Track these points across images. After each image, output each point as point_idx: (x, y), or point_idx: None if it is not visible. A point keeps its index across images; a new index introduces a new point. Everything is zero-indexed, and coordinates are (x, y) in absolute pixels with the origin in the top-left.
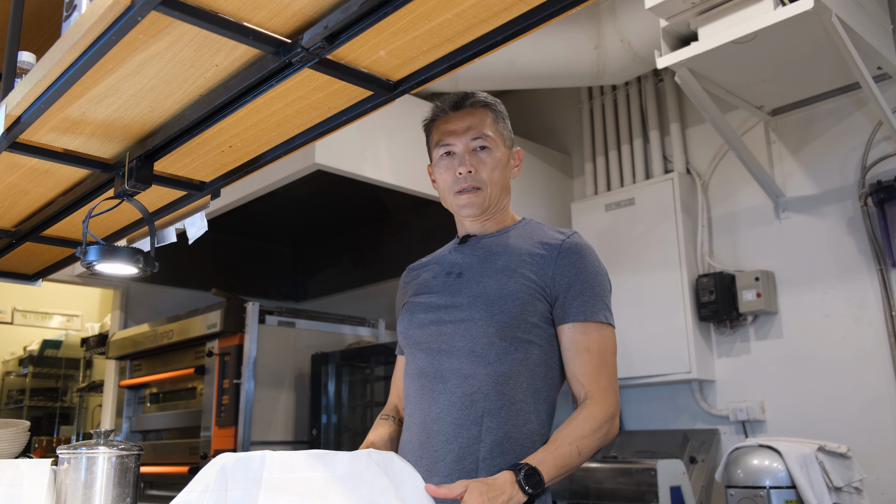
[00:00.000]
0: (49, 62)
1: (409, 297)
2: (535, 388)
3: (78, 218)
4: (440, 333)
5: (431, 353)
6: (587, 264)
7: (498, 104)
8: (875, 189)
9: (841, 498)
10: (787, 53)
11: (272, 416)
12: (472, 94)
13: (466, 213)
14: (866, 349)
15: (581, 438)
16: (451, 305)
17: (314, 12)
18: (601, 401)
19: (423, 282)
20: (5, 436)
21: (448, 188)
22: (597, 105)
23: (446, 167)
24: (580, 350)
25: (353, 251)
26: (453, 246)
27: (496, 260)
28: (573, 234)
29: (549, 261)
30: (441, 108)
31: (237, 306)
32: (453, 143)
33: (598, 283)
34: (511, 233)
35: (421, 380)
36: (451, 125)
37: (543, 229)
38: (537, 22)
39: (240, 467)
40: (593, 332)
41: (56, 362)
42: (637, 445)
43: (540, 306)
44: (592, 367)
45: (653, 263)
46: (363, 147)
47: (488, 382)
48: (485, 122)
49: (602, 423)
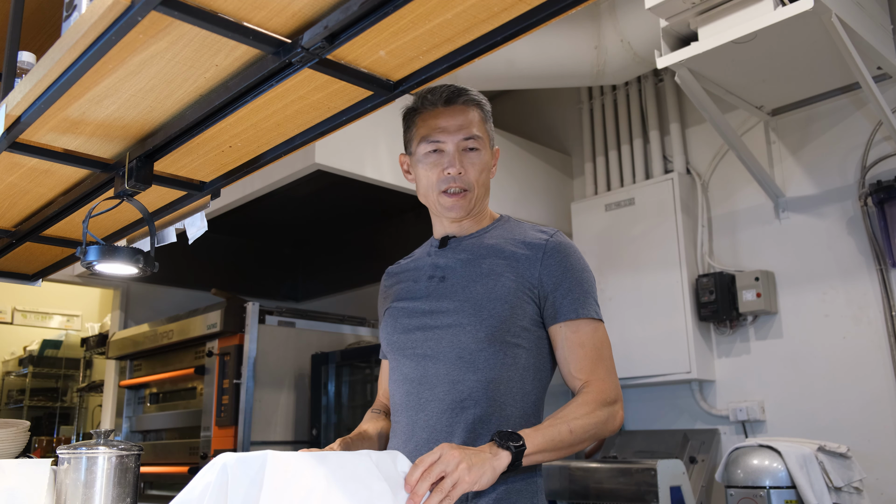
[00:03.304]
0: (49, 62)
1: (391, 303)
2: (525, 391)
3: (78, 218)
4: (426, 339)
5: (416, 359)
6: (573, 262)
7: (487, 103)
8: (875, 189)
9: (841, 498)
10: (787, 53)
11: (272, 416)
12: (465, 91)
13: (451, 215)
14: (866, 349)
15: (573, 419)
16: (436, 310)
17: (314, 12)
18: (597, 388)
19: (404, 287)
20: (5, 436)
21: (432, 186)
22: (597, 105)
23: (432, 164)
24: (574, 347)
25: (353, 251)
26: (432, 248)
27: (480, 263)
28: (556, 232)
29: (535, 261)
30: (431, 100)
31: (237, 306)
32: (444, 140)
33: (586, 280)
34: (491, 232)
35: (406, 386)
36: (443, 121)
37: (524, 228)
38: (537, 22)
39: (241, 467)
40: (585, 328)
41: (56, 362)
42: (637, 445)
43: (528, 308)
44: (588, 361)
45: (653, 263)
46: (363, 147)
47: (478, 388)
48: (475, 121)
49: (597, 406)
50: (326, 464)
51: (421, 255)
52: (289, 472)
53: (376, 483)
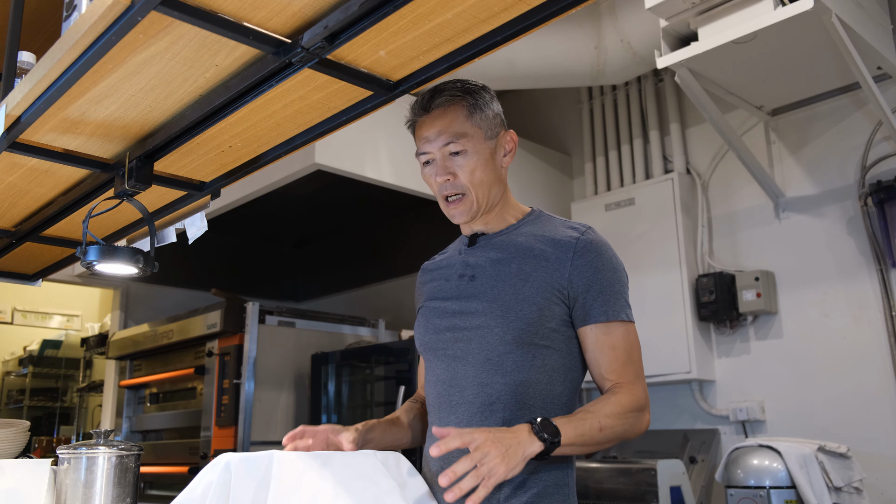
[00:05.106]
0: (49, 62)
1: (424, 301)
2: (554, 393)
3: (78, 218)
4: (455, 340)
5: (447, 360)
6: (604, 262)
7: (471, 93)
8: (875, 189)
9: (841, 498)
10: (787, 53)
11: (272, 416)
12: (440, 92)
13: (456, 221)
14: (866, 349)
15: (605, 417)
16: (465, 311)
17: (314, 12)
18: (628, 391)
19: (437, 285)
20: (5, 436)
21: (436, 196)
22: (597, 105)
23: (429, 175)
24: (605, 349)
25: (353, 251)
26: (462, 246)
27: (509, 262)
28: (587, 230)
29: (565, 262)
30: (415, 110)
31: (237, 306)
32: (429, 150)
33: (617, 281)
34: (521, 229)
35: (438, 387)
36: (425, 130)
37: (555, 224)
38: (537, 22)
39: (245, 467)
40: (616, 330)
41: (56, 362)
42: (637, 445)
43: (557, 310)
44: (619, 364)
45: (653, 263)
46: (363, 147)
47: (507, 392)
48: (456, 120)
49: (627, 410)
50: (333, 463)
51: (453, 252)
52: (296, 472)
53: (383, 480)
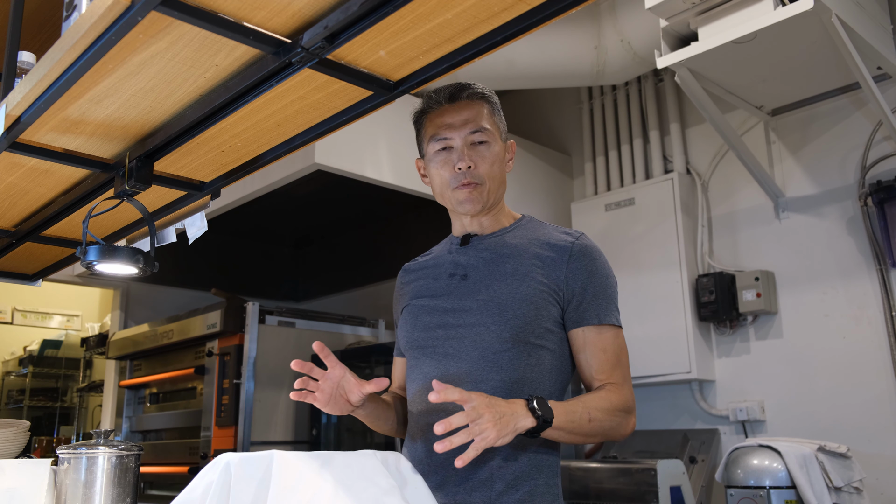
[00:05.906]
0: (49, 62)
1: (410, 300)
2: (546, 392)
3: (78, 218)
4: (447, 338)
5: (437, 358)
6: (598, 267)
7: (493, 96)
8: (875, 189)
9: (841, 498)
10: (787, 53)
11: (272, 416)
12: (469, 86)
13: (466, 208)
14: (866, 349)
15: (595, 409)
16: (458, 309)
17: (314, 12)
18: (618, 391)
19: (424, 284)
20: (5, 436)
21: (446, 184)
22: (597, 105)
23: (443, 162)
24: (595, 351)
25: (353, 251)
26: (453, 246)
27: (504, 262)
28: (581, 235)
29: (560, 264)
30: (436, 99)
31: (237, 306)
32: (451, 136)
33: (610, 286)
34: (514, 232)
35: (426, 385)
36: (448, 118)
37: (547, 229)
38: (537, 22)
39: (246, 467)
40: (607, 333)
41: (56, 362)
42: (637, 445)
43: (553, 310)
44: (609, 366)
45: (653, 263)
46: (363, 147)
47: (501, 389)
48: (482, 114)
49: (616, 408)
50: (333, 463)
51: (441, 253)
52: (296, 473)
53: (383, 479)
